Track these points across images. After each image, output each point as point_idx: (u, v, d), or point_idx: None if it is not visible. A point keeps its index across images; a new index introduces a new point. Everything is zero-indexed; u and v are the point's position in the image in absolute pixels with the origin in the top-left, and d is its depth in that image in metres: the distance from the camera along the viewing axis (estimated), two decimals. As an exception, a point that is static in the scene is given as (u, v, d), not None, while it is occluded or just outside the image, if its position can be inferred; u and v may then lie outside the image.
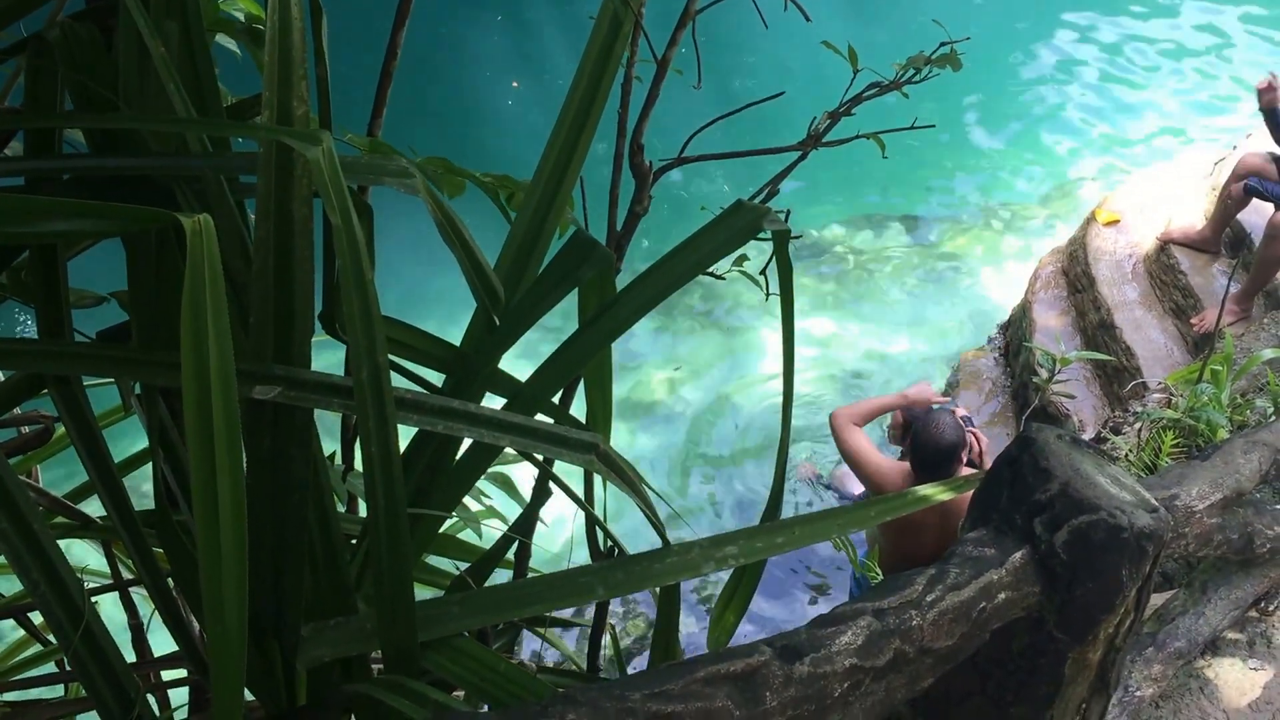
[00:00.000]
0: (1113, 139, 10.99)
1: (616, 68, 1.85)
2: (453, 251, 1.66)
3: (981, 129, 11.14)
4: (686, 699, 1.14)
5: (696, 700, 1.14)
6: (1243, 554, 2.39)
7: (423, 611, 1.61)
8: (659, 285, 1.76)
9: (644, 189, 1.99)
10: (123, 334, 1.82)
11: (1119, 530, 1.61)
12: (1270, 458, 2.41)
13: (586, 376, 1.97)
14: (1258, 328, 5.98)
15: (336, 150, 1.36)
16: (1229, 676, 2.78)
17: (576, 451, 1.63)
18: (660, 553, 1.70)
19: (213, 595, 1.22)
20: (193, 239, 1.18)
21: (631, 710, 1.09)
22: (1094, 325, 7.08)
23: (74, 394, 1.58)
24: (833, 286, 9.12)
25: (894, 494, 1.84)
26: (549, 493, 2.06)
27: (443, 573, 2.28)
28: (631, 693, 1.11)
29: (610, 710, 1.08)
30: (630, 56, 1.93)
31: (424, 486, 1.81)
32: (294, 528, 1.55)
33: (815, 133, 1.96)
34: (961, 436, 4.53)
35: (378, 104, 2.18)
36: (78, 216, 1.29)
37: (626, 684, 1.14)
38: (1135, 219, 7.56)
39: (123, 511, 1.63)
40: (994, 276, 9.30)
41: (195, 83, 1.56)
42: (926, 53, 1.92)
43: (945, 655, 1.49)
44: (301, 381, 1.49)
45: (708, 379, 8.28)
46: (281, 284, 1.47)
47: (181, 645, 1.85)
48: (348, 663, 1.73)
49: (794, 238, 1.78)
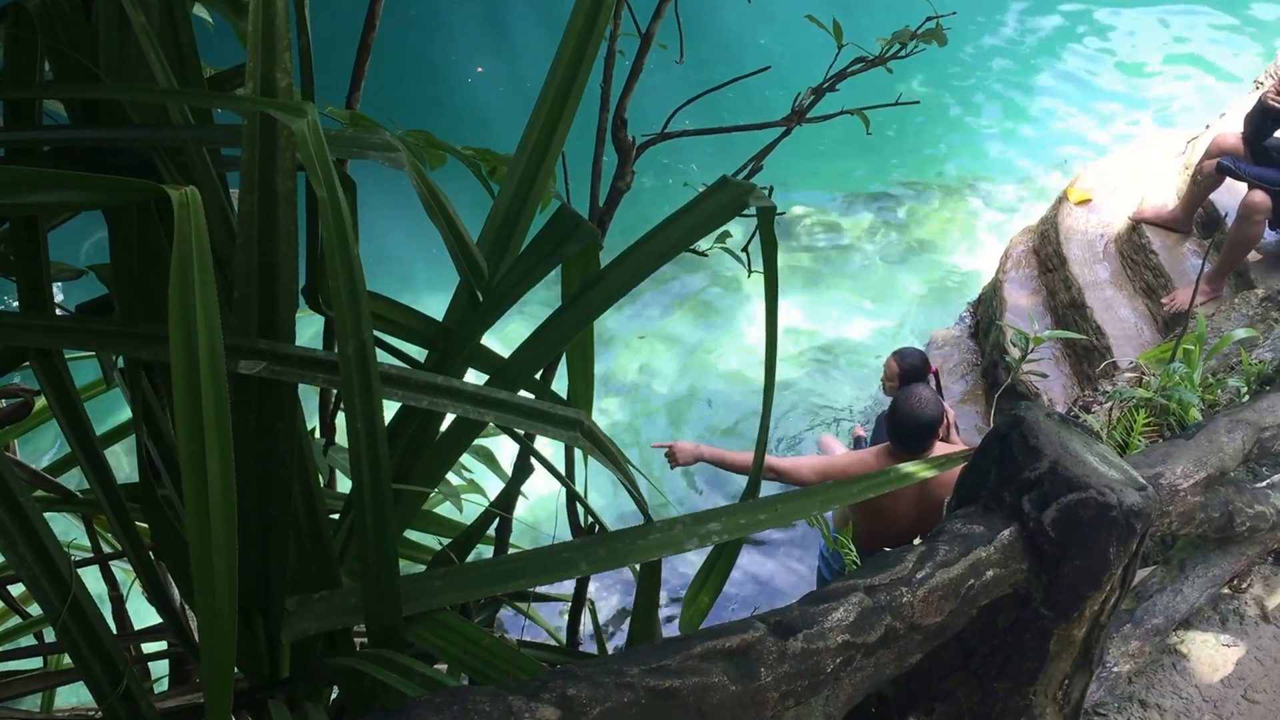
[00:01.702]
0: (1085, 118, 11.04)
1: (600, 41, 1.84)
2: (437, 226, 1.65)
3: (954, 106, 11.16)
4: (684, 674, 1.15)
5: (693, 675, 1.15)
6: (1223, 532, 2.42)
7: (407, 586, 1.61)
8: (643, 261, 1.76)
9: (627, 164, 1.99)
10: (103, 307, 1.81)
11: (1108, 508, 1.63)
12: (1254, 436, 2.43)
13: (569, 353, 1.97)
14: (1228, 308, 6.03)
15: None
16: (1201, 653, 2.82)
17: (561, 428, 1.63)
18: (643, 529, 1.71)
19: (202, 568, 1.22)
20: (180, 211, 1.17)
21: (630, 685, 1.10)
22: (1065, 304, 7.12)
23: (56, 367, 1.57)
24: (802, 265, 9.13)
25: (878, 471, 1.85)
26: (530, 469, 2.06)
27: (424, 548, 2.28)
28: (629, 668, 1.12)
29: (609, 685, 1.08)
30: (613, 31, 1.92)
31: (406, 462, 1.81)
32: (279, 502, 1.55)
33: (799, 108, 1.96)
34: (940, 410, 4.54)
35: (356, 77, 2.16)
36: (62, 188, 1.28)
37: (624, 659, 1.14)
38: (1107, 198, 7.59)
39: (106, 485, 1.62)
40: (965, 255, 9.33)
41: (177, 54, 1.55)
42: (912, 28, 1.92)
43: (934, 631, 1.50)
44: (286, 356, 1.48)
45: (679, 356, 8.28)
46: (266, 258, 1.46)
47: (165, 617, 1.85)
48: (331, 636, 1.73)
49: (778, 214, 1.78)
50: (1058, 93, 11.40)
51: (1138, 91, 11.33)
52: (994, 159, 10.59)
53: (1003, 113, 11.17)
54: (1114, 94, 11.32)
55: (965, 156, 10.63)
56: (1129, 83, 11.46)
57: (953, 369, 7.49)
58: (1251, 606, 2.98)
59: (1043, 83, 11.55)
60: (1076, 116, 11.07)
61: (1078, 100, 11.28)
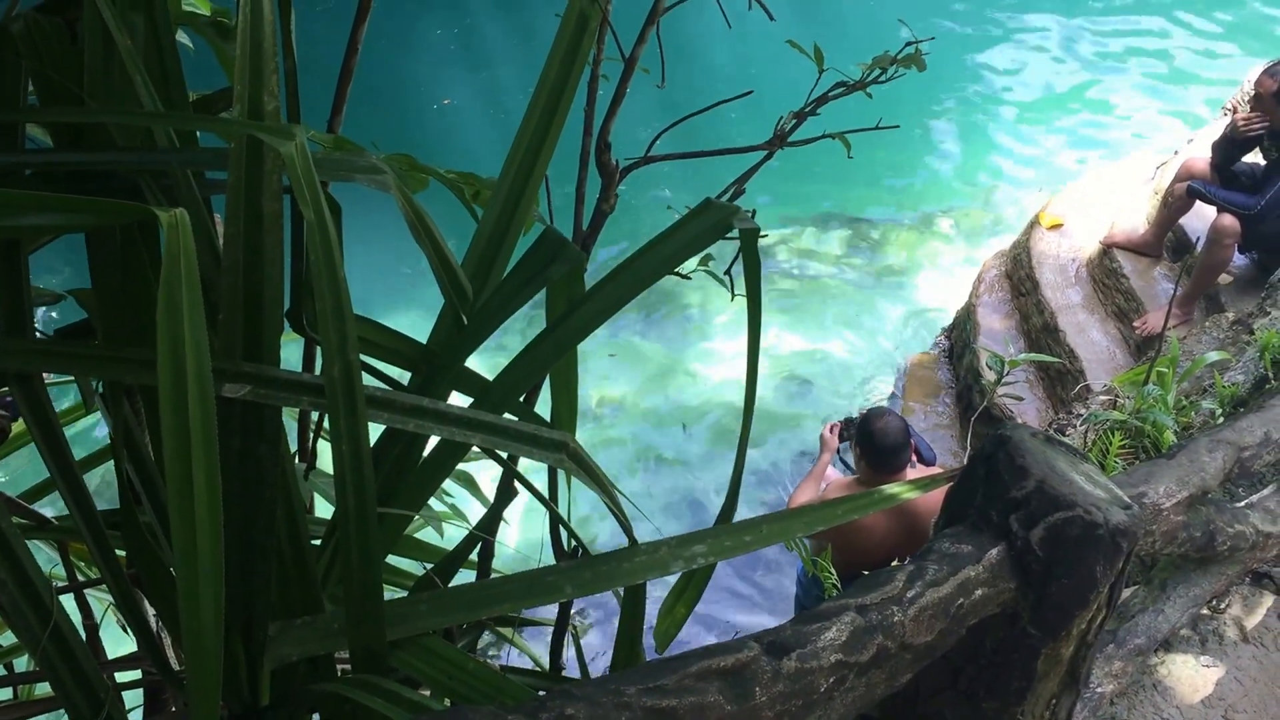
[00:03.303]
0: (1056, 144, 11.14)
1: (583, 65, 1.85)
2: (422, 249, 1.65)
3: (928, 131, 11.25)
4: (680, 694, 1.14)
5: (690, 695, 1.15)
6: (1204, 551, 2.43)
7: (391, 610, 1.60)
8: (627, 284, 1.76)
9: (610, 187, 1.99)
10: (81, 332, 1.79)
11: (1094, 526, 1.64)
12: (1234, 456, 2.45)
13: (552, 376, 1.97)
14: (1200, 331, 6.09)
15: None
16: (1182, 674, 2.83)
17: (547, 450, 1.63)
18: (628, 551, 1.70)
19: (189, 592, 1.21)
20: (169, 233, 1.17)
21: (627, 704, 1.09)
22: (1038, 328, 7.17)
23: (36, 391, 1.56)
24: (776, 289, 9.16)
25: (861, 492, 1.86)
26: (514, 492, 2.05)
27: (406, 574, 2.27)
28: (626, 687, 1.11)
29: (606, 705, 1.08)
30: (597, 54, 1.93)
31: (390, 485, 1.80)
32: (263, 526, 1.54)
33: (781, 132, 1.97)
34: (903, 422, 4.60)
35: (338, 101, 2.16)
36: (46, 210, 1.27)
37: (621, 678, 1.14)
38: (1078, 223, 7.67)
39: (85, 510, 1.60)
40: (938, 280, 9.38)
41: (162, 77, 1.54)
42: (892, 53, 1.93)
43: (924, 651, 1.50)
44: (271, 379, 1.47)
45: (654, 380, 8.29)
46: (251, 280, 1.45)
47: (143, 645, 1.83)
48: (313, 662, 1.72)
49: (761, 236, 1.79)
50: (1029, 118, 11.50)
51: (1108, 117, 11.46)
52: (967, 183, 10.67)
53: (974, 137, 11.26)
54: (1084, 119, 11.44)
55: (938, 180, 10.71)
56: (1099, 108, 11.59)
57: (928, 394, 7.52)
58: (1231, 627, 3.00)
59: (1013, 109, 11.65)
60: (1048, 141, 11.17)
61: (1049, 125, 11.38)
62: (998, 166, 10.88)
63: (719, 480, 7.38)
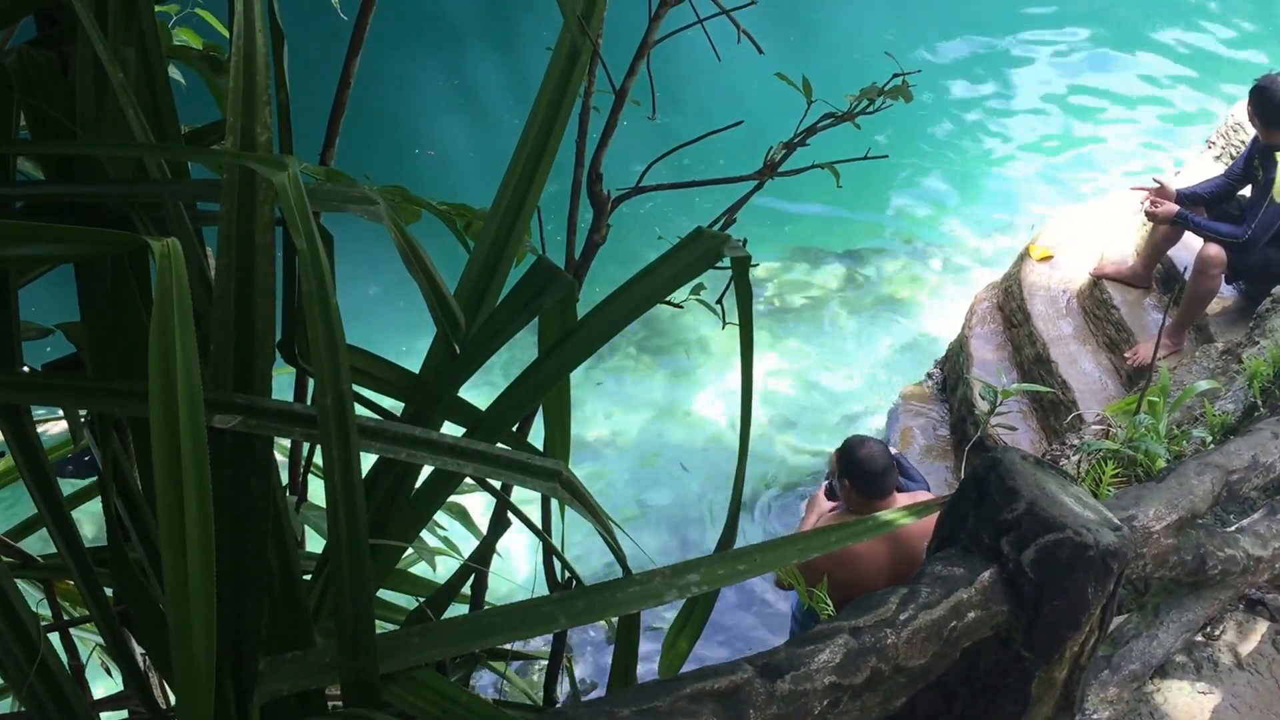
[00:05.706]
0: (1046, 176, 11.18)
1: (575, 97, 1.86)
2: (415, 279, 1.65)
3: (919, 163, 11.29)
4: (674, 715, 1.14)
5: (683, 717, 1.14)
6: (1195, 575, 2.43)
7: (383, 643, 1.59)
8: (619, 313, 1.76)
9: (602, 217, 2.00)
10: (69, 366, 1.79)
11: (1085, 548, 1.64)
12: (1222, 479, 2.45)
13: (545, 404, 1.96)
14: (1190, 360, 6.10)
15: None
16: (1178, 700, 2.82)
17: (540, 479, 1.62)
18: (622, 581, 1.69)
19: (180, 627, 1.20)
20: (162, 263, 1.17)
21: (622, 728, 1.09)
22: (1030, 359, 7.18)
23: (24, 425, 1.55)
24: (769, 322, 9.16)
25: (855, 520, 1.85)
26: (508, 523, 2.04)
27: (398, 608, 2.25)
28: (620, 709, 1.11)
29: (601, 728, 1.07)
30: (588, 86, 1.94)
31: (383, 516, 1.79)
32: (253, 559, 1.52)
33: (771, 162, 1.98)
34: (884, 445, 4.61)
35: (330, 133, 2.17)
36: (38, 241, 1.27)
37: (615, 700, 1.13)
38: (1068, 254, 7.69)
39: (73, 547, 1.59)
40: (931, 311, 9.39)
41: (154, 110, 1.55)
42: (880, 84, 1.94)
43: (918, 674, 1.49)
44: (262, 410, 1.47)
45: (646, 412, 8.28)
46: (243, 310, 1.45)
47: (131, 684, 1.81)
48: (303, 696, 1.70)
49: (752, 265, 1.79)
50: (1020, 150, 11.55)
51: (1096, 148, 11.51)
52: (958, 215, 10.69)
53: (967, 168, 11.30)
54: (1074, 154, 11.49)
55: (930, 212, 10.74)
56: (1087, 139, 11.64)
57: (923, 426, 7.52)
58: (1225, 654, 2.99)
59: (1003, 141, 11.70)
60: (1037, 173, 11.22)
61: (1037, 157, 11.43)
62: (990, 197, 10.91)
63: (717, 510, 7.38)
